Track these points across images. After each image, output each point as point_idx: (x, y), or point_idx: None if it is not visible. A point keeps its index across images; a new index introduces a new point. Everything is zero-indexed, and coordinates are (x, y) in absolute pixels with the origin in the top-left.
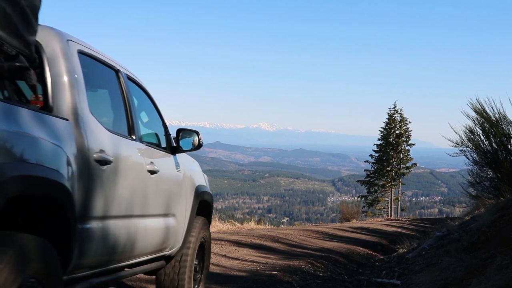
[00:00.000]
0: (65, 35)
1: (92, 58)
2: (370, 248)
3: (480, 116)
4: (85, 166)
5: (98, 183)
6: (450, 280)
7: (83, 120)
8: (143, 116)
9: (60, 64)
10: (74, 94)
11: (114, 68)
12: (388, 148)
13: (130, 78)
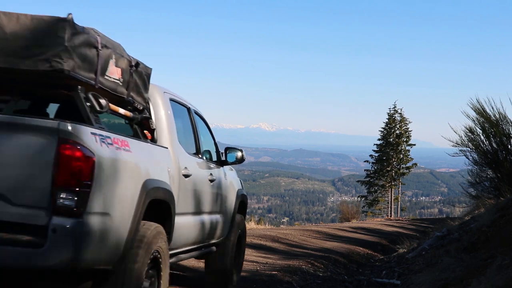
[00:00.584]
0: (162, 89)
1: (176, 102)
2: (370, 248)
3: (480, 116)
4: (178, 179)
5: (184, 190)
6: (450, 280)
7: (175, 147)
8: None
9: (161, 110)
10: (170, 130)
11: (186, 106)
12: (388, 148)
13: (196, 112)
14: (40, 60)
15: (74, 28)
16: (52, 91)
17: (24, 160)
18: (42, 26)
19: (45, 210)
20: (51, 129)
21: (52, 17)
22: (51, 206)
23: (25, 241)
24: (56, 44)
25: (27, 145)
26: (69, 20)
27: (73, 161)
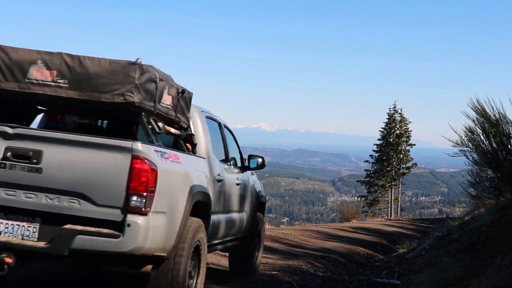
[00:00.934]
0: (200, 108)
1: (210, 118)
2: (370, 248)
3: (480, 116)
4: (213, 183)
5: (217, 193)
6: (450, 280)
7: (210, 157)
8: (230, 147)
9: (199, 127)
10: (206, 143)
11: (218, 121)
12: (388, 148)
13: (224, 125)
14: (116, 94)
15: (141, 69)
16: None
17: (106, 171)
18: (118, 68)
19: (121, 209)
20: (127, 148)
21: (126, 61)
22: (126, 207)
23: (106, 233)
24: (128, 82)
25: (108, 159)
26: (138, 63)
27: (142, 173)
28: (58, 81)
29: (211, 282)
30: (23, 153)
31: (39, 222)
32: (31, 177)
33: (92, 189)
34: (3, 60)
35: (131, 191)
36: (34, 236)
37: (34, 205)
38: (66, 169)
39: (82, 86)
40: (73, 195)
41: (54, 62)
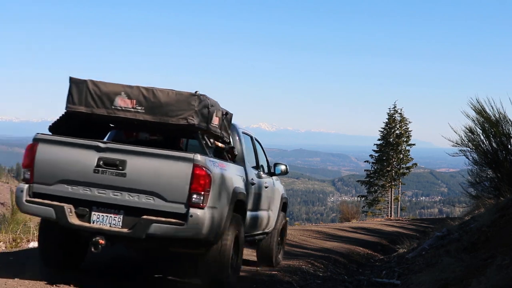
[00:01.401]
0: (237, 125)
1: (245, 134)
2: (370, 248)
3: (480, 116)
4: (248, 186)
5: (251, 193)
6: (450, 280)
7: (246, 165)
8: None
9: (237, 141)
10: (242, 153)
11: (250, 135)
12: (388, 148)
13: (255, 139)
14: (181, 118)
15: (199, 99)
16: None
17: (174, 175)
18: (182, 98)
19: (185, 204)
20: (189, 158)
21: (188, 93)
22: (188, 202)
23: (173, 222)
24: (190, 109)
25: (175, 166)
26: (197, 95)
27: (200, 177)
28: (137, 108)
29: None
30: (112, 162)
31: (122, 214)
32: (117, 180)
33: (163, 189)
34: (95, 92)
35: (192, 191)
36: (118, 224)
37: (119, 201)
38: (144, 174)
39: (155, 112)
40: (149, 193)
41: (134, 93)
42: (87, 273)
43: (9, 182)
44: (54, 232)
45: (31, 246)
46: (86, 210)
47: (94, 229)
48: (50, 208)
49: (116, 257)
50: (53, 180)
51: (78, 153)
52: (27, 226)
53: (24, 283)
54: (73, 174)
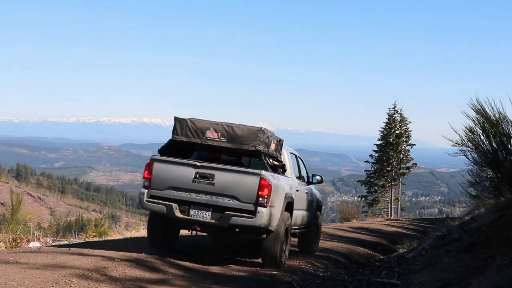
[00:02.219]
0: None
1: (291, 153)
2: (370, 248)
3: (480, 116)
4: (294, 192)
5: (295, 198)
6: (450, 280)
7: (292, 176)
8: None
9: (286, 159)
10: (290, 168)
11: (295, 154)
12: (388, 148)
13: (299, 156)
14: (250, 145)
15: (264, 133)
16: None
17: (247, 184)
18: (252, 132)
19: (254, 204)
20: (258, 173)
21: (257, 128)
22: (256, 203)
23: (246, 216)
24: (257, 140)
25: (248, 178)
26: (263, 130)
27: (264, 186)
28: (221, 138)
29: (212, 282)
30: (205, 175)
31: (211, 210)
32: (208, 187)
33: (240, 193)
34: (192, 127)
35: (259, 195)
36: (209, 217)
37: (209, 202)
38: (227, 183)
39: (233, 141)
40: (230, 197)
41: (219, 128)
42: (178, 252)
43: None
44: (160, 223)
45: (31, 246)
46: (187, 208)
47: (193, 220)
48: (163, 206)
49: (196, 243)
50: (163, 187)
51: (182, 169)
52: (27, 226)
53: (24, 282)
54: (178, 183)
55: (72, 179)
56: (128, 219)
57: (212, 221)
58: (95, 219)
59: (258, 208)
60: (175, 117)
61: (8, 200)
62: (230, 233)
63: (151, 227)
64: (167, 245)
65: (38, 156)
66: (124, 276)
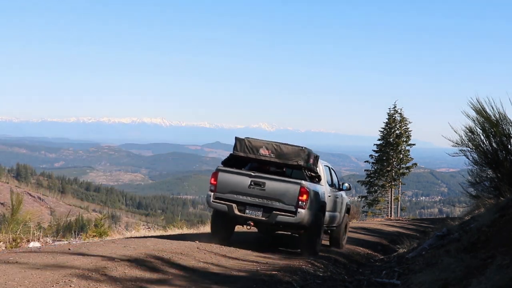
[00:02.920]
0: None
1: (325, 165)
2: (370, 248)
3: (480, 115)
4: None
5: (328, 201)
6: (450, 280)
7: (325, 184)
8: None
9: (321, 171)
10: (324, 178)
11: (328, 166)
12: (388, 148)
13: (331, 168)
14: (293, 161)
15: (304, 151)
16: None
17: (290, 191)
18: (296, 150)
19: (295, 206)
20: (298, 182)
21: (299, 147)
22: (297, 205)
23: (289, 215)
24: (300, 157)
25: (291, 186)
26: (304, 148)
27: (303, 192)
28: (271, 154)
29: (212, 282)
30: (257, 183)
31: (262, 210)
32: (260, 192)
33: (284, 197)
34: (248, 145)
35: (299, 199)
36: (260, 215)
37: (261, 203)
38: (275, 189)
39: (281, 157)
40: (277, 200)
41: (269, 146)
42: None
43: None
44: (221, 219)
45: (31, 246)
46: (243, 208)
47: (248, 217)
48: (225, 205)
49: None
50: (226, 191)
51: (240, 177)
52: (27, 226)
53: (24, 282)
54: (237, 188)
55: (72, 179)
56: (128, 219)
57: (263, 219)
58: (95, 219)
59: (298, 209)
60: (236, 137)
61: (8, 200)
62: (275, 228)
63: (214, 222)
64: (225, 236)
65: (38, 156)
66: (124, 276)
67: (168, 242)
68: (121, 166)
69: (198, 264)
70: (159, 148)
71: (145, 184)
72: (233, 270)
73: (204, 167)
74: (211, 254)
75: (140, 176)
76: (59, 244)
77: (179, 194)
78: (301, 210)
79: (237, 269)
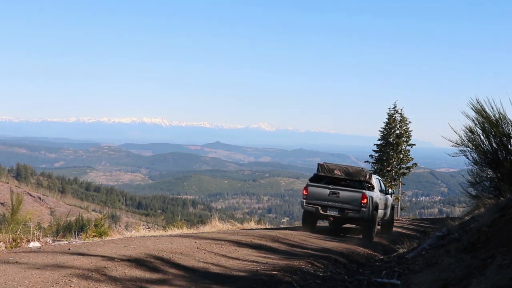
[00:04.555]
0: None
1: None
2: (370, 248)
3: (480, 116)
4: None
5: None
6: (450, 280)
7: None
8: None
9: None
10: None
11: (378, 178)
12: (388, 148)
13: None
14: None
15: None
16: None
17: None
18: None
19: (359, 206)
20: (361, 191)
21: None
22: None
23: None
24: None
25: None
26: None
27: (364, 197)
28: (341, 174)
29: (212, 282)
30: (334, 192)
31: (337, 210)
32: (336, 198)
33: (352, 201)
34: (326, 168)
35: (361, 202)
36: (336, 214)
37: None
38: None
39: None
40: (347, 203)
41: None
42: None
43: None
44: (310, 217)
45: (31, 246)
46: (325, 209)
47: (328, 215)
48: (313, 208)
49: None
50: (313, 198)
51: (322, 189)
52: (27, 226)
53: (24, 282)
54: (320, 196)
55: (72, 179)
56: (128, 219)
57: (339, 215)
58: (95, 219)
59: (361, 208)
60: (318, 163)
61: (8, 200)
62: (346, 222)
63: (305, 218)
64: (312, 228)
65: (38, 156)
66: (124, 276)
67: (168, 242)
68: (121, 166)
69: (198, 264)
70: (159, 148)
71: (145, 184)
72: (233, 270)
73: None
74: (211, 254)
75: (140, 176)
76: (59, 244)
77: (179, 194)
78: (363, 209)
79: (237, 269)
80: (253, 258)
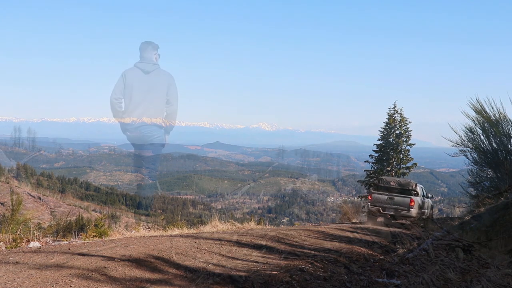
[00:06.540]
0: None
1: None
2: (370, 248)
3: (480, 116)
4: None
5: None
6: (450, 280)
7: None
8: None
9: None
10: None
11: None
12: (388, 148)
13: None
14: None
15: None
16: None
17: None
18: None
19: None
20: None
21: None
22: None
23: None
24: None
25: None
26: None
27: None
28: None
29: (212, 282)
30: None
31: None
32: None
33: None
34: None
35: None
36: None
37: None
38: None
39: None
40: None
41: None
42: None
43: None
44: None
45: (31, 246)
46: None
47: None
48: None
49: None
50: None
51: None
52: (27, 226)
53: (24, 282)
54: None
55: (72, 179)
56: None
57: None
58: (95, 219)
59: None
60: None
61: (8, 200)
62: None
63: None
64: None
65: (38, 156)
66: (124, 276)
67: (168, 242)
68: (121, 166)
69: (198, 264)
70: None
71: (145, 184)
72: (233, 270)
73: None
74: (211, 254)
75: (140, 176)
76: (59, 244)
77: (179, 194)
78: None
79: (237, 269)
80: (253, 258)
